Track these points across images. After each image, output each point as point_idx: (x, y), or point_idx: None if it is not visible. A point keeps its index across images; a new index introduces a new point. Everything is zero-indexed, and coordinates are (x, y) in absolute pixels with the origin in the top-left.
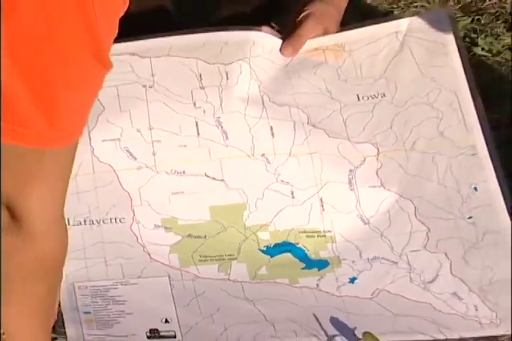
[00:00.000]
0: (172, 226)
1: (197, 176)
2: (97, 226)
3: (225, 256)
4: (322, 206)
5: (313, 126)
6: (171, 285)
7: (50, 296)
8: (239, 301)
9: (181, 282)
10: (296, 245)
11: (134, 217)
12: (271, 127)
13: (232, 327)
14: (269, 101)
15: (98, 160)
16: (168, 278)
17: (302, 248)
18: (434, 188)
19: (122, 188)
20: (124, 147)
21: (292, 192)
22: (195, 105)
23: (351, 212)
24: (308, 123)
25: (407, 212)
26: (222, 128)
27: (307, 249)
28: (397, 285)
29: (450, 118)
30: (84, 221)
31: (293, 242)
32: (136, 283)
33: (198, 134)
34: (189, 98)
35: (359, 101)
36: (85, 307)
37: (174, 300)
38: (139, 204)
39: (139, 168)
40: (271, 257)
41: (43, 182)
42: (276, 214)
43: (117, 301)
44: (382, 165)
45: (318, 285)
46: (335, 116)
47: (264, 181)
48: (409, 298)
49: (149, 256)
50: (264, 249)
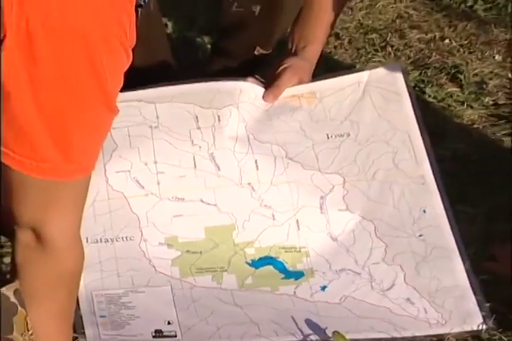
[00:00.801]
0: (173, 244)
1: (194, 202)
2: (111, 244)
3: (217, 268)
4: (298, 226)
5: (290, 159)
6: (172, 293)
7: (70, 301)
8: (229, 306)
9: (181, 290)
10: (277, 259)
11: (142, 236)
12: (255, 161)
13: (223, 328)
14: (254, 139)
15: (112, 188)
16: (170, 287)
17: (282, 261)
18: (391, 211)
19: (132, 212)
20: (133, 177)
21: (273, 215)
22: (193, 142)
23: (322, 231)
24: (286, 157)
25: (369, 231)
26: (215, 161)
27: (286, 262)
28: (361, 292)
29: (403, 153)
30: (100, 239)
31: (274, 256)
32: (143, 291)
33: (195, 167)
34: (187, 137)
35: (328, 139)
36: (101, 312)
37: (175, 305)
38: (146, 225)
39: (146, 195)
40: (256, 269)
41: (62, 207)
42: (260, 233)
43: (128, 306)
44: (347, 192)
45: (295, 292)
46: (308, 152)
47: (250, 206)
48: (371, 303)
49: (154, 269)
50: (250, 262)
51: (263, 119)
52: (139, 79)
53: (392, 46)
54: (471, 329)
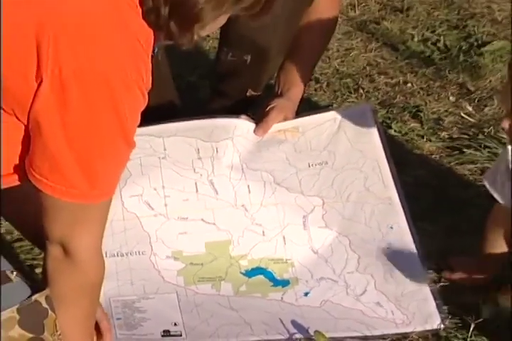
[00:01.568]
0: (179, 257)
1: (196, 221)
2: (126, 258)
3: (216, 277)
4: (285, 241)
5: (277, 184)
6: (178, 299)
7: (93, 307)
8: (226, 310)
9: (185, 297)
10: (267, 269)
11: (152, 251)
12: (248, 186)
13: (221, 328)
14: (247, 168)
15: (126, 210)
16: (176, 294)
17: (271, 271)
18: (363, 228)
19: (143, 230)
20: (144, 200)
21: (263, 232)
22: (195, 171)
23: (305, 245)
24: (274, 182)
25: (344, 245)
26: (213, 186)
27: (274, 272)
28: (338, 297)
29: (373, 178)
30: (117, 254)
31: (264, 267)
32: (153, 298)
33: (197, 191)
34: (190, 166)
35: (310, 167)
36: (117, 315)
37: (180, 309)
38: (155, 241)
39: (155, 216)
40: (249, 278)
41: (87, 225)
42: (252, 247)
43: (140, 310)
44: (326, 212)
45: (282, 298)
46: (293, 178)
47: (243, 224)
48: (346, 306)
49: (163, 279)
50: (244, 272)
51: (254, 150)
52: (149, 116)
53: (363, 89)
54: (431, 328)
